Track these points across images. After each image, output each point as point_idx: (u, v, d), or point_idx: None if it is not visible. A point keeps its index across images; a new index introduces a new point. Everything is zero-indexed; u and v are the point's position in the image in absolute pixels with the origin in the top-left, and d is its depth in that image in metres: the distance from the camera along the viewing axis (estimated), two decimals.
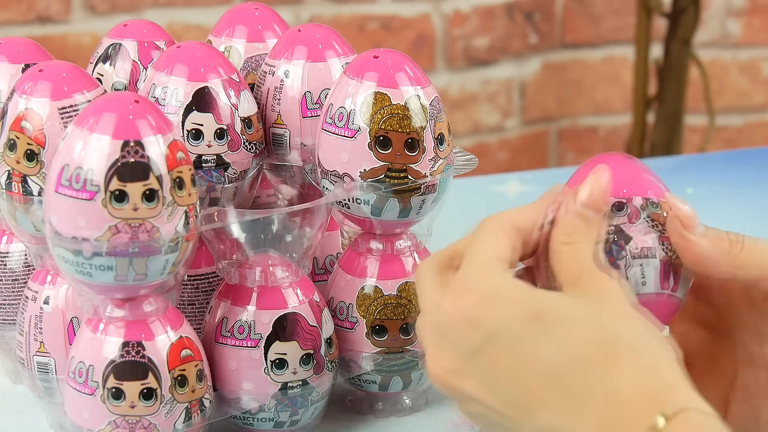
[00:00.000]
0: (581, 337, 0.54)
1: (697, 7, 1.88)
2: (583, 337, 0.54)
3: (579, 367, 0.54)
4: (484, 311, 0.56)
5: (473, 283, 0.57)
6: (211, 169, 0.74)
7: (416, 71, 0.74)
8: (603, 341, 0.54)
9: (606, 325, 0.55)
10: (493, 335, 0.55)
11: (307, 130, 0.77)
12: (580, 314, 0.55)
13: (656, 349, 0.55)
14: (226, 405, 0.73)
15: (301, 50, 0.77)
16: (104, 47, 0.82)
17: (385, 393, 0.79)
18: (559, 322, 0.55)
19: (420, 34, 1.97)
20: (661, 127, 1.93)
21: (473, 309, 0.56)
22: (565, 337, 0.54)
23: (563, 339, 0.54)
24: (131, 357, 0.68)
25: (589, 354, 0.54)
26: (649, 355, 0.54)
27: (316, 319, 0.74)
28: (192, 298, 0.79)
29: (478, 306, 0.56)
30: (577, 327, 0.54)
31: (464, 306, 0.56)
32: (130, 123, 0.65)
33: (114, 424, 0.69)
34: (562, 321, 0.55)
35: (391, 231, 0.77)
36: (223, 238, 0.73)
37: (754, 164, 1.26)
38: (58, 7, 1.79)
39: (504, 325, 0.55)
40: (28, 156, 0.73)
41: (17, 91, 0.73)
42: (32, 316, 0.76)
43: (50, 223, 0.66)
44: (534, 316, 0.55)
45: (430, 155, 0.73)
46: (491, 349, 0.55)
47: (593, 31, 2.10)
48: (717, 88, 2.06)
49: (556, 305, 0.55)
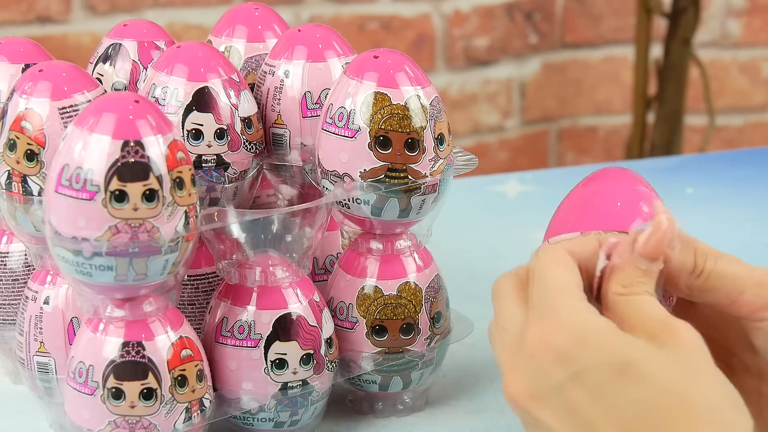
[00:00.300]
0: (663, 398, 0.54)
1: (697, 7, 1.88)
2: (664, 399, 0.54)
3: (656, 428, 0.54)
4: (572, 351, 0.56)
5: (562, 317, 0.57)
6: (211, 169, 0.74)
7: (416, 71, 0.74)
8: (683, 406, 0.54)
9: (688, 390, 0.55)
10: (578, 376, 0.56)
11: (307, 130, 0.77)
12: (664, 374, 0.55)
13: (734, 421, 0.55)
14: (226, 405, 0.73)
15: (301, 50, 0.77)
16: (104, 47, 0.82)
17: (385, 393, 0.79)
18: (643, 379, 0.55)
19: (420, 34, 1.97)
20: (661, 127, 1.93)
21: (562, 346, 0.56)
22: (647, 396, 0.54)
23: (645, 397, 0.54)
24: (131, 357, 0.68)
25: (667, 416, 0.54)
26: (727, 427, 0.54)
27: (316, 319, 0.74)
28: (192, 298, 0.79)
29: (567, 344, 0.56)
30: (660, 387, 0.55)
31: (554, 341, 0.56)
32: (130, 123, 0.65)
33: (114, 424, 0.69)
34: (647, 378, 0.55)
35: (391, 231, 0.77)
36: (223, 238, 0.73)
37: (754, 164, 1.26)
38: (58, 7, 1.79)
39: (590, 368, 0.55)
40: (28, 156, 0.73)
41: (17, 91, 0.73)
42: (32, 316, 0.76)
43: (50, 223, 0.66)
44: (620, 368, 0.55)
45: (430, 155, 0.73)
46: (573, 389, 0.56)
47: (593, 31, 2.10)
48: (717, 88, 2.06)
49: (642, 358, 0.55)
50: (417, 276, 0.77)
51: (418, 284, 0.77)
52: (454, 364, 0.84)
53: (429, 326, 0.78)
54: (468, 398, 0.81)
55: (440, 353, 0.79)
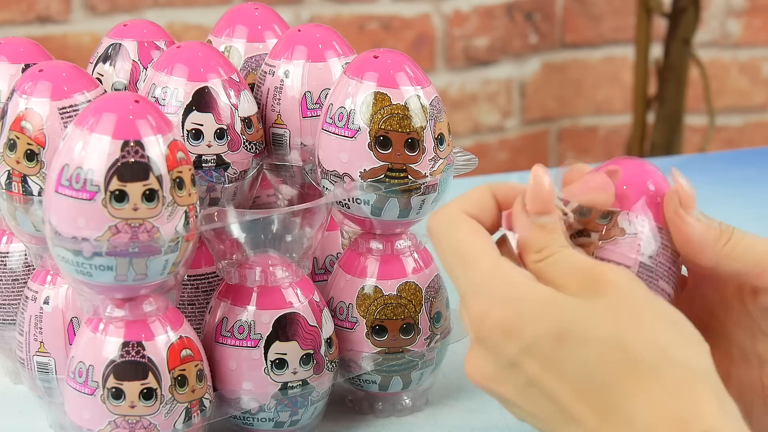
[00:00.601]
0: (604, 356, 0.55)
1: (697, 7, 1.88)
2: (606, 357, 0.55)
3: (603, 390, 0.54)
4: (515, 325, 0.57)
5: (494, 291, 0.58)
6: (211, 169, 0.74)
7: (416, 71, 0.74)
8: (625, 358, 0.54)
9: (627, 341, 0.55)
10: (527, 349, 0.56)
11: (307, 130, 0.77)
12: (599, 331, 0.55)
13: (682, 361, 0.55)
14: (226, 405, 0.73)
15: (301, 50, 0.77)
16: (104, 47, 0.82)
17: (385, 393, 0.79)
18: (582, 342, 0.55)
19: (420, 34, 1.97)
20: (661, 127, 1.93)
21: (505, 322, 0.57)
22: (589, 358, 0.55)
23: (588, 359, 0.55)
24: (131, 357, 0.68)
25: (611, 376, 0.54)
26: (674, 371, 0.54)
27: (316, 319, 0.74)
28: (192, 298, 0.79)
29: (509, 319, 0.57)
30: (598, 345, 0.55)
31: (496, 318, 0.57)
32: (130, 123, 0.65)
33: (114, 424, 0.69)
34: (585, 340, 0.55)
35: (391, 231, 0.77)
36: (223, 238, 0.73)
37: (754, 164, 1.26)
38: (58, 7, 1.80)
39: (535, 340, 0.56)
40: (28, 156, 0.73)
41: (17, 91, 0.73)
42: (32, 316, 0.76)
43: (50, 223, 0.66)
44: (559, 335, 0.56)
45: (430, 155, 0.73)
46: (527, 362, 0.56)
47: (593, 31, 2.10)
48: (717, 88, 2.06)
49: (577, 320, 0.56)
50: (417, 276, 0.77)
51: (418, 284, 0.77)
52: (454, 364, 0.84)
53: (429, 326, 0.78)
54: (468, 398, 0.81)
55: (440, 353, 0.80)
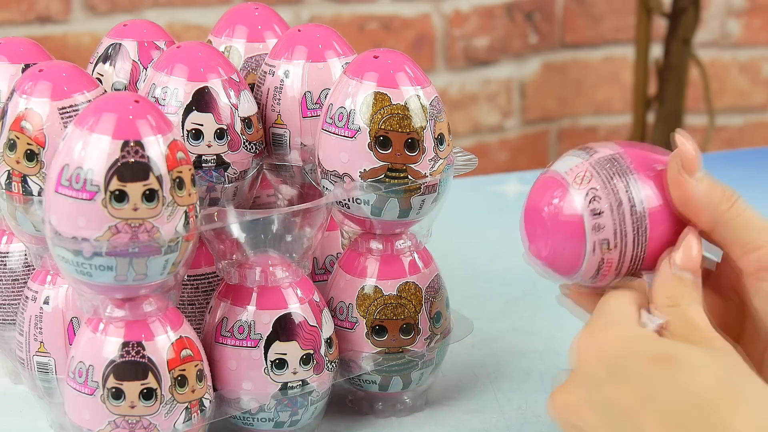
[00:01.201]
0: (705, 382, 0.55)
1: (697, 7, 1.88)
2: (706, 383, 0.55)
3: (699, 410, 0.54)
4: (613, 347, 0.57)
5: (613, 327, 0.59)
6: (211, 169, 0.74)
7: (416, 71, 0.74)
8: (725, 389, 0.55)
9: (730, 376, 0.56)
10: (617, 371, 0.57)
11: (307, 130, 0.77)
12: (705, 362, 0.56)
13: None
14: (226, 405, 0.73)
15: (301, 50, 0.77)
16: (104, 47, 0.82)
17: (385, 393, 0.79)
18: (684, 367, 0.56)
19: (420, 34, 1.97)
20: (661, 127, 1.93)
21: (604, 344, 0.58)
22: (688, 381, 0.55)
23: (687, 382, 0.55)
24: (131, 357, 0.68)
25: (710, 398, 0.54)
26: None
27: (316, 319, 0.74)
28: (192, 298, 0.79)
29: (611, 344, 0.58)
30: (701, 373, 0.56)
31: (599, 345, 0.58)
32: (130, 123, 0.65)
33: (114, 424, 0.69)
34: (688, 366, 0.56)
35: (391, 231, 0.77)
36: (223, 238, 0.73)
37: (754, 164, 1.26)
38: (58, 7, 1.79)
39: (629, 362, 0.57)
40: (28, 156, 0.73)
41: (17, 91, 0.73)
42: (32, 316, 0.76)
43: (50, 223, 0.66)
44: (660, 359, 0.56)
45: (430, 155, 0.73)
46: (613, 383, 0.57)
47: (593, 31, 2.10)
48: (717, 88, 2.06)
49: (683, 352, 0.57)
50: (417, 276, 0.77)
51: (418, 284, 0.77)
52: (454, 364, 0.84)
53: (429, 326, 0.78)
54: (468, 398, 0.81)
55: (440, 353, 0.80)
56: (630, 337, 0.58)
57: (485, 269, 1.01)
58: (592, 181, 0.64)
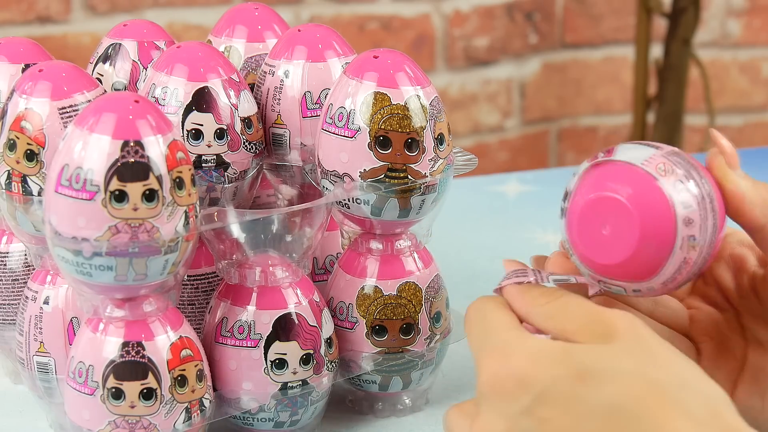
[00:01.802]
0: (629, 392, 0.54)
1: (697, 7, 1.88)
2: (631, 392, 0.53)
3: (634, 423, 0.53)
4: (530, 373, 0.55)
5: (512, 346, 0.56)
6: (211, 169, 0.74)
7: (416, 71, 0.74)
8: (652, 394, 0.53)
9: (652, 375, 0.54)
10: (542, 395, 0.55)
11: (307, 130, 0.77)
12: (624, 366, 0.54)
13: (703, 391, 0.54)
14: (226, 405, 0.73)
15: (301, 50, 0.77)
16: (104, 47, 0.82)
17: (385, 393, 0.79)
18: (604, 378, 0.54)
19: (420, 34, 1.97)
20: (661, 127, 1.93)
21: (520, 371, 0.55)
22: (613, 392, 0.54)
23: (612, 394, 0.54)
24: (131, 357, 0.68)
25: (640, 409, 0.53)
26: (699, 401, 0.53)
27: (316, 319, 0.74)
28: (192, 298, 0.79)
29: (524, 368, 0.55)
30: (623, 380, 0.54)
31: (510, 369, 0.55)
32: (130, 123, 0.65)
33: (114, 424, 0.69)
34: (607, 377, 0.54)
35: (391, 231, 0.77)
36: (223, 238, 0.73)
37: (754, 164, 1.26)
38: (58, 7, 1.79)
39: (552, 384, 0.54)
40: (27, 156, 0.73)
41: (17, 91, 0.73)
42: (32, 316, 0.76)
43: (50, 223, 0.66)
44: (579, 375, 0.54)
45: (430, 155, 0.74)
46: (541, 408, 0.55)
47: (593, 31, 2.10)
48: (717, 88, 2.06)
49: (596, 360, 0.55)
50: (417, 276, 0.77)
51: (418, 284, 0.77)
52: (454, 364, 0.84)
53: (429, 326, 0.78)
54: (468, 398, 0.81)
55: (440, 353, 0.80)
56: (536, 352, 0.56)
57: (485, 269, 1.01)
58: (676, 173, 0.59)
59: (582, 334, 0.57)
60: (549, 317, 0.58)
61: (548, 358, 0.55)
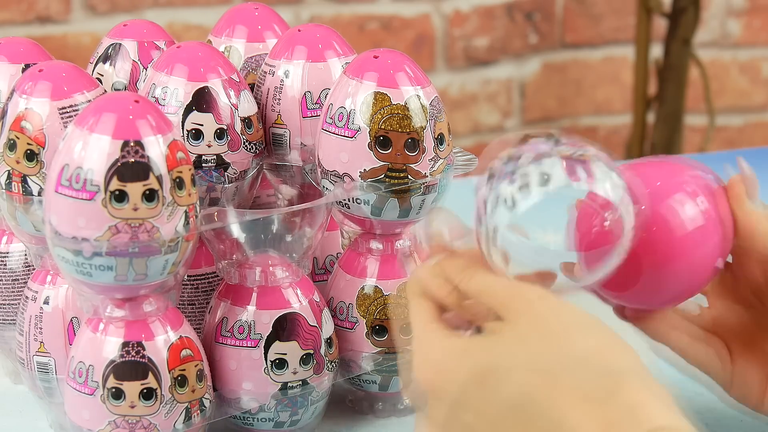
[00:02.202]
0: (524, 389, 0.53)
1: (697, 7, 1.88)
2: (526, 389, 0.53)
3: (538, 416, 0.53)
4: (438, 383, 0.56)
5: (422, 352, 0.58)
6: (211, 169, 0.74)
7: (416, 71, 0.74)
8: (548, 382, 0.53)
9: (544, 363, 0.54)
10: (457, 403, 0.55)
11: (307, 130, 0.77)
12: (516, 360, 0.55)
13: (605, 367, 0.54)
14: (226, 405, 0.73)
15: (301, 50, 0.77)
16: (104, 47, 0.82)
17: (385, 393, 0.79)
18: (502, 377, 0.54)
19: (420, 34, 1.97)
20: (661, 127, 1.93)
21: (431, 383, 0.56)
22: (512, 394, 0.54)
23: (511, 396, 0.54)
24: (131, 357, 0.68)
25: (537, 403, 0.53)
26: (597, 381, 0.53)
27: (316, 319, 0.74)
28: (192, 298, 0.79)
29: (432, 379, 0.56)
30: (519, 376, 0.54)
31: (423, 380, 0.57)
32: (130, 123, 0.65)
33: (114, 424, 0.69)
34: (504, 374, 0.54)
35: (391, 231, 0.77)
36: (223, 238, 0.73)
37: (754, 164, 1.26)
38: (58, 7, 1.79)
39: (460, 391, 0.55)
40: (28, 156, 0.73)
41: (17, 91, 0.73)
42: (32, 316, 0.76)
43: (50, 223, 0.66)
44: (480, 378, 0.55)
45: (430, 155, 0.73)
46: (463, 414, 0.55)
47: (593, 31, 2.10)
48: (717, 88, 2.06)
49: (493, 356, 0.55)
50: None
51: None
52: None
53: None
54: None
55: None
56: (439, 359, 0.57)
57: None
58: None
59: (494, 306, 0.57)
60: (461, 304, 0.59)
61: (451, 363, 0.56)
